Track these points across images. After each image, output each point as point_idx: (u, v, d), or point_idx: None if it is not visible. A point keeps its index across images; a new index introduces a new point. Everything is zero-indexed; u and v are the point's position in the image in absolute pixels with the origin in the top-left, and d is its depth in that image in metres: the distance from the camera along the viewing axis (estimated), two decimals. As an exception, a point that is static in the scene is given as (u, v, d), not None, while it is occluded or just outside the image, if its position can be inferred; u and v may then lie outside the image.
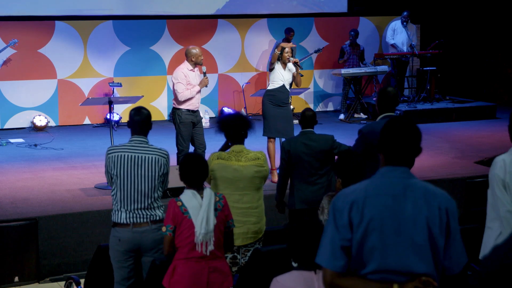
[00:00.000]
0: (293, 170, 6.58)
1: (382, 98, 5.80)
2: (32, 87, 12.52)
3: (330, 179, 6.60)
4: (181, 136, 8.58)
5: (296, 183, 6.60)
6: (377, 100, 5.84)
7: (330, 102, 14.63)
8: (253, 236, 5.68)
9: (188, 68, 8.58)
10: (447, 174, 9.35)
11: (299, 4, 14.24)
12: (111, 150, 5.39)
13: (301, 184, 6.56)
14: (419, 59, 14.43)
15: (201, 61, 8.63)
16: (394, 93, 5.87)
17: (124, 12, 13.05)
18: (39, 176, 9.21)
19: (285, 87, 9.01)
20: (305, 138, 6.55)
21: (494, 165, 4.43)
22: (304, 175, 6.55)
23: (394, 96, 5.84)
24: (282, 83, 8.98)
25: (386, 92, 5.83)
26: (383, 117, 5.78)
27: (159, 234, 5.24)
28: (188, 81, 8.53)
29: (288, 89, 9.08)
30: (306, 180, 6.55)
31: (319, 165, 6.54)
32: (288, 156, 6.52)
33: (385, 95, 5.80)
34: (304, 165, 6.52)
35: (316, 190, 6.53)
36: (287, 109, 9.00)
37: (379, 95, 5.85)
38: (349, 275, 3.09)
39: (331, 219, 3.13)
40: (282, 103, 8.99)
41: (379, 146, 3.20)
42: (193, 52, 8.59)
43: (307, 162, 6.51)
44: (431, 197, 3.12)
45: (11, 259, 7.31)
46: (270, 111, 8.98)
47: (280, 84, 8.97)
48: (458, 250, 3.17)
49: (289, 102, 9.15)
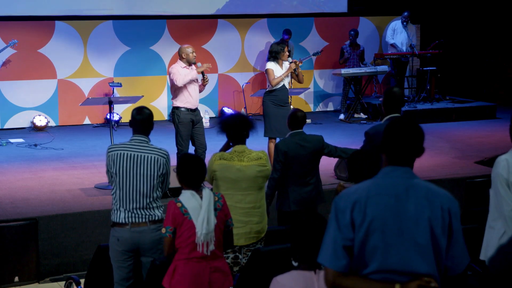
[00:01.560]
0: (286, 172, 6.50)
1: (388, 98, 5.69)
2: (32, 87, 12.52)
3: (318, 178, 6.63)
4: (180, 136, 8.58)
5: (290, 184, 6.50)
6: (383, 100, 5.73)
7: (330, 102, 14.63)
8: (256, 236, 5.69)
9: (181, 67, 8.57)
10: (447, 174, 9.35)
11: (299, 4, 14.24)
12: (111, 148, 5.41)
13: (295, 185, 6.49)
14: (419, 59, 14.43)
15: (194, 59, 8.58)
16: (400, 94, 5.79)
17: (124, 12, 13.04)
18: (39, 176, 9.20)
19: (285, 87, 9.10)
20: (299, 139, 6.49)
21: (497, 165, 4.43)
22: (298, 176, 6.50)
23: (400, 96, 5.77)
24: (282, 82, 9.04)
25: (392, 93, 5.73)
26: (388, 118, 5.65)
27: (158, 235, 5.25)
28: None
29: (288, 88, 9.13)
30: (300, 182, 6.51)
31: (311, 165, 6.53)
32: (285, 157, 6.43)
33: (392, 95, 5.69)
34: (299, 166, 6.49)
35: (309, 190, 6.54)
36: (288, 109, 9.00)
37: (385, 96, 5.74)
38: (351, 274, 3.09)
39: (333, 218, 3.13)
40: (283, 103, 9.06)
41: (382, 146, 3.20)
42: (184, 50, 8.59)
43: (302, 163, 6.48)
44: (434, 197, 3.12)
45: (11, 259, 7.30)
46: (272, 112, 9.01)
47: (281, 84, 9.03)
48: (460, 250, 3.17)
49: (289, 102, 9.17)
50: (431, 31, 15.14)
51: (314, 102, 14.44)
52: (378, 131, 5.72)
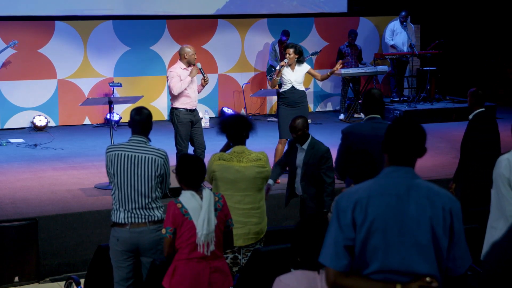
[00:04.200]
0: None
1: (367, 100, 5.87)
2: (32, 87, 12.52)
3: None
4: (179, 136, 8.58)
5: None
6: (362, 102, 5.92)
7: (329, 102, 14.63)
8: (255, 236, 5.68)
9: (181, 67, 8.56)
10: (447, 174, 9.33)
11: (299, 4, 14.24)
12: (109, 149, 5.41)
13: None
14: (419, 59, 14.43)
15: (194, 60, 8.55)
16: (379, 95, 5.91)
17: (124, 12, 13.04)
18: (39, 176, 9.20)
19: (294, 88, 9.03)
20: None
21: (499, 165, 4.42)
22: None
23: (379, 97, 5.88)
24: (291, 84, 9.02)
25: (371, 94, 5.90)
26: (367, 118, 5.84)
27: (157, 235, 5.24)
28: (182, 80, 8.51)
29: (299, 89, 9.06)
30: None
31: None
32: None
33: (370, 97, 5.88)
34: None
35: None
36: (302, 109, 8.91)
37: (364, 97, 5.94)
38: (352, 274, 3.09)
39: (335, 218, 3.13)
40: (296, 104, 9.00)
41: (384, 146, 3.20)
42: (185, 51, 8.58)
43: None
44: (435, 198, 3.11)
45: (11, 259, 7.30)
46: (283, 113, 9.01)
47: (289, 86, 9.02)
48: (462, 251, 3.17)
49: (304, 101, 9.09)
50: (431, 31, 15.14)
51: (314, 102, 14.44)
52: (352, 130, 5.93)
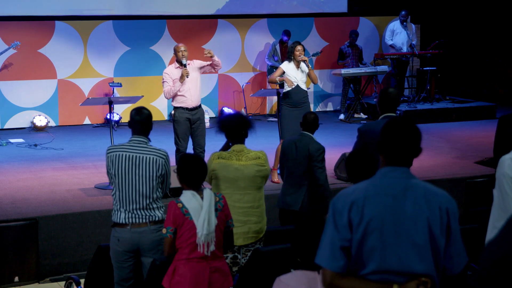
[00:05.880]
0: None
1: (383, 98, 5.81)
2: (32, 87, 12.52)
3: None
4: (176, 135, 8.58)
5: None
6: (378, 100, 5.85)
7: (330, 102, 14.63)
8: (254, 236, 5.68)
9: (175, 66, 8.57)
10: (447, 174, 9.35)
11: (299, 4, 14.23)
12: (110, 149, 5.41)
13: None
14: (419, 59, 14.42)
15: (181, 57, 8.48)
16: (396, 94, 5.88)
17: (124, 12, 13.04)
18: (39, 176, 9.20)
19: (299, 87, 9.00)
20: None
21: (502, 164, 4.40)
22: None
23: (396, 96, 5.85)
24: (296, 83, 8.98)
25: (387, 93, 5.84)
26: (383, 117, 5.78)
27: (158, 235, 5.25)
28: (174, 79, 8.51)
29: (303, 88, 9.04)
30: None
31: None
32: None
33: (386, 95, 5.81)
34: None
35: None
36: (304, 109, 8.84)
37: (380, 96, 5.86)
38: (349, 275, 3.09)
39: (331, 219, 3.12)
40: (299, 104, 8.96)
41: (379, 146, 3.20)
42: (174, 49, 8.61)
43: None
44: (432, 197, 3.11)
45: (11, 259, 7.31)
46: (286, 114, 8.95)
47: (294, 85, 8.98)
48: (458, 250, 3.17)
49: (306, 101, 9.07)
50: (431, 31, 15.14)
51: (314, 102, 14.43)
52: (369, 128, 5.84)
